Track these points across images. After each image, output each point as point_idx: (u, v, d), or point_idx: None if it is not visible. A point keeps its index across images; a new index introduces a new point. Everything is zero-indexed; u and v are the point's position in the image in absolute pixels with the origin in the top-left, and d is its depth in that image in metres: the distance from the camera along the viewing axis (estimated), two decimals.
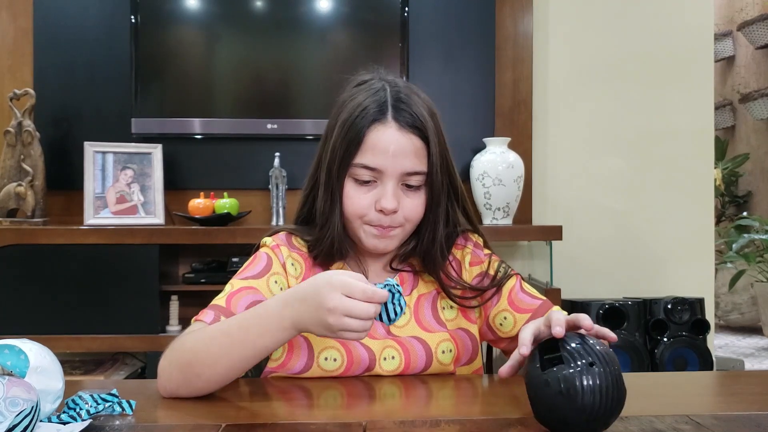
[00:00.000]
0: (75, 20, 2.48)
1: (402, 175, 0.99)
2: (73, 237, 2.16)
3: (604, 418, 0.70)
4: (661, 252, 2.63)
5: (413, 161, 0.99)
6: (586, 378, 0.68)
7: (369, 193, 1.00)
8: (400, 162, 0.98)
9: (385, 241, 1.02)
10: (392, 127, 0.99)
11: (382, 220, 1.00)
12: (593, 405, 0.68)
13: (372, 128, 0.98)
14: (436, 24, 2.57)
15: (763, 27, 4.65)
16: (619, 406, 0.70)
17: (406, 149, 0.98)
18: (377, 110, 0.99)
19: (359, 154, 0.99)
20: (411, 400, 0.95)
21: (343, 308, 0.79)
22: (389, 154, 0.98)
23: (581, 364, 0.69)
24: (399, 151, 0.98)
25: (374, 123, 0.99)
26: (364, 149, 0.98)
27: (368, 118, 0.99)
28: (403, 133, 0.99)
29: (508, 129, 2.56)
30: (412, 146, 0.99)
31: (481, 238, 1.12)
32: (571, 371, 0.69)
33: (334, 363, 1.01)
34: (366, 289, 0.80)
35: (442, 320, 1.06)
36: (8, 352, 0.72)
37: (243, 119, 2.46)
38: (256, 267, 1.03)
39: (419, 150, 1.00)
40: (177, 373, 0.87)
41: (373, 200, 0.99)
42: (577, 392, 0.68)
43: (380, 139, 0.98)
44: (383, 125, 0.99)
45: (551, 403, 0.70)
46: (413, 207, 1.01)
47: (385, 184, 0.99)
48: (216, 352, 0.87)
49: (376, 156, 0.98)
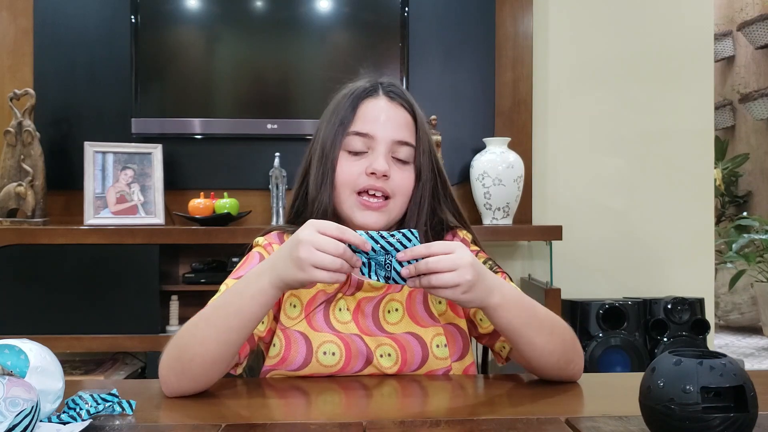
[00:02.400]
0: (75, 20, 2.48)
1: (392, 143, 1.05)
2: (73, 237, 2.16)
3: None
4: (661, 252, 2.63)
5: (403, 131, 1.06)
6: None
7: (361, 160, 1.05)
8: (390, 130, 1.05)
9: (375, 215, 1.04)
10: (383, 99, 1.07)
11: (374, 184, 1.03)
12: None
13: (364, 101, 1.07)
14: (436, 24, 2.57)
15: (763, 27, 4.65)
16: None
17: (397, 118, 1.06)
18: (369, 87, 1.08)
19: (352, 124, 1.05)
20: (411, 400, 0.95)
21: (314, 241, 0.83)
22: (380, 122, 1.05)
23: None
24: (389, 119, 1.06)
25: (366, 96, 1.07)
26: (356, 119, 1.06)
27: (360, 93, 1.07)
28: (394, 105, 1.07)
29: (508, 129, 2.56)
30: (402, 117, 1.07)
31: (470, 235, 1.13)
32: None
33: (333, 357, 1.01)
34: (339, 226, 0.85)
35: (434, 315, 1.06)
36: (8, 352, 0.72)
37: (243, 119, 2.46)
38: (248, 266, 1.04)
39: (409, 123, 1.08)
40: (174, 363, 0.89)
41: (364, 167, 1.04)
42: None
43: (372, 107, 1.06)
44: (374, 98, 1.07)
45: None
46: (401, 179, 1.06)
47: (376, 151, 1.04)
48: (203, 328, 0.89)
49: (368, 123, 1.05)
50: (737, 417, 0.64)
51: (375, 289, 1.06)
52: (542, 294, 2.23)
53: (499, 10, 2.58)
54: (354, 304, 1.05)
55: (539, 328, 0.93)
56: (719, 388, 0.65)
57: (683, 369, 0.66)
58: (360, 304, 1.05)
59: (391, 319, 1.05)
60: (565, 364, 0.95)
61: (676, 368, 0.67)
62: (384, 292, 1.06)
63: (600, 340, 2.29)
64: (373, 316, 1.05)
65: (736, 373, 0.66)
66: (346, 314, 1.05)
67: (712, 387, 0.65)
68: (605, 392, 0.97)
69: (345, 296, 1.05)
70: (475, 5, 2.58)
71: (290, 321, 1.03)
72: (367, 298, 1.06)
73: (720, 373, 0.65)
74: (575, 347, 0.97)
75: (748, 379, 0.66)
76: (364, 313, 1.05)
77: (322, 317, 1.04)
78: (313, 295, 1.05)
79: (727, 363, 0.66)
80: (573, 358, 0.96)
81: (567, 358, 0.95)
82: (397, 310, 1.06)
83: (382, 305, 1.06)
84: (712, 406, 0.65)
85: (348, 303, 1.05)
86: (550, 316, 0.96)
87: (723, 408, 0.66)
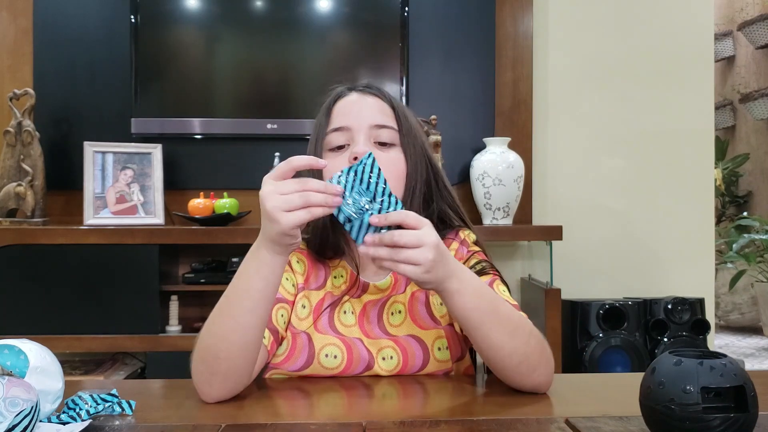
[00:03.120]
0: (75, 20, 2.48)
1: (370, 127, 1.03)
2: (73, 237, 2.16)
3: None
4: (661, 252, 2.63)
5: (379, 115, 1.05)
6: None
7: (344, 153, 1.03)
8: (365, 116, 1.04)
9: None
10: (355, 94, 1.07)
11: None
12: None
13: (337, 101, 1.07)
14: (436, 24, 2.57)
15: (763, 27, 4.65)
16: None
17: (370, 105, 1.06)
18: (341, 89, 1.09)
19: (329, 124, 1.05)
20: (410, 400, 0.95)
21: (276, 189, 0.82)
22: (353, 113, 1.04)
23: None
24: (362, 108, 1.05)
25: (339, 98, 1.08)
26: (332, 118, 1.05)
27: (333, 97, 1.08)
28: (365, 95, 1.07)
29: (508, 129, 2.56)
30: (376, 104, 1.06)
31: (473, 235, 1.11)
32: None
33: (335, 360, 1.01)
34: (283, 163, 0.85)
35: (436, 317, 1.06)
36: (8, 352, 0.72)
37: (243, 119, 2.46)
38: None
39: (384, 108, 1.06)
40: (201, 367, 0.87)
41: (347, 158, 1.02)
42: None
43: (344, 103, 1.06)
44: (347, 97, 1.07)
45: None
46: (389, 160, 1.02)
47: (355, 139, 1.03)
48: (219, 323, 0.87)
49: (343, 116, 1.04)
50: (737, 417, 0.64)
51: (380, 290, 1.06)
52: (542, 294, 2.23)
53: (499, 10, 2.58)
54: (360, 308, 1.05)
55: (497, 323, 0.88)
56: (719, 388, 0.65)
57: (683, 369, 0.66)
58: (366, 308, 1.05)
59: (393, 321, 1.05)
60: (527, 370, 0.89)
61: (676, 368, 0.66)
62: (388, 294, 1.06)
63: (600, 340, 2.29)
64: (377, 321, 1.05)
65: (737, 373, 0.66)
66: (351, 317, 1.05)
67: (713, 387, 0.65)
68: (605, 392, 0.97)
69: (351, 299, 1.05)
70: (475, 5, 2.57)
71: (299, 322, 1.04)
72: (372, 301, 1.06)
73: (720, 373, 0.65)
74: (543, 355, 0.91)
75: (749, 379, 0.66)
76: (369, 318, 1.05)
77: (326, 319, 1.04)
78: (321, 297, 1.05)
79: (728, 363, 0.66)
80: (537, 368, 0.90)
81: (530, 365, 0.89)
82: (399, 312, 1.06)
83: (386, 307, 1.06)
84: (712, 406, 0.65)
85: (354, 306, 1.05)
86: (516, 316, 0.91)
87: (723, 408, 0.66)
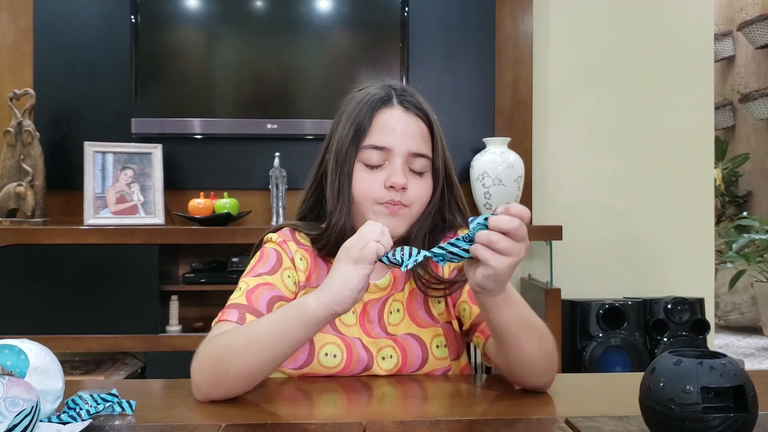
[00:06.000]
0: (75, 20, 2.48)
1: (408, 155, 1.02)
2: (73, 237, 2.16)
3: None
4: (661, 252, 2.63)
5: (419, 143, 1.03)
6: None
7: (379, 174, 1.02)
8: (407, 141, 1.02)
9: (394, 220, 1.02)
10: (398, 109, 1.04)
11: (393, 197, 1.01)
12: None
13: (379, 111, 1.03)
14: (436, 24, 2.57)
15: (763, 27, 4.65)
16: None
17: (413, 130, 1.03)
18: (384, 96, 1.05)
19: (368, 136, 1.02)
20: (410, 400, 0.95)
21: (355, 239, 0.85)
22: (397, 134, 1.02)
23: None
24: (406, 131, 1.03)
25: (381, 107, 1.04)
26: (372, 131, 1.02)
27: (375, 103, 1.04)
28: (410, 115, 1.04)
29: (508, 129, 2.56)
30: (418, 128, 1.04)
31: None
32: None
33: (334, 359, 1.01)
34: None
35: (434, 315, 1.06)
36: (8, 352, 0.72)
37: (243, 119, 2.46)
38: (266, 263, 1.03)
39: (425, 133, 1.05)
40: (207, 372, 0.88)
41: (382, 180, 1.01)
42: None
43: (388, 119, 1.03)
44: (390, 108, 1.04)
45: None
46: (420, 189, 1.04)
47: (393, 163, 1.02)
48: (243, 344, 0.88)
49: (385, 135, 1.02)
50: (737, 417, 0.64)
51: (380, 289, 1.06)
52: (542, 294, 2.23)
53: (499, 10, 2.58)
54: (360, 307, 1.05)
55: (530, 333, 0.90)
56: (719, 388, 0.65)
57: (683, 369, 0.66)
58: (366, 307, 1.06)
59: (393, 320, 1.05)
60: (544, 373, 0.92)
61: (676, 368, 0.66)
62: (388, 292, 1.06)
63: (600, 340, 2.29)
64: (378, 320, 1.05)
65: (736, 373, 0.66)
66: (351, 317, 1.05)
67: (712, 387, 0.65)
68: (605, 392, 0.97)
69: None
70: (475, 5, 2.57)
71: None
72: (373, 300, 1.06)
73: (720, 373, 0.65)
74: (555, 358, 0.93)
75: (748, 379, 0.66)
76: (370, 318, 1.05)
77: None
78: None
79: (727, 363, 0.66)
80: (550, 369, 0.92)
81: (547, 368, 0.92)
82: (398, 310, 1.06)
83: (386, 306, 1.06)
84: (712, 406, 0.65)
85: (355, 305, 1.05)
86: (540, 323, 0.93)
87: (723, 408, 0.66)
